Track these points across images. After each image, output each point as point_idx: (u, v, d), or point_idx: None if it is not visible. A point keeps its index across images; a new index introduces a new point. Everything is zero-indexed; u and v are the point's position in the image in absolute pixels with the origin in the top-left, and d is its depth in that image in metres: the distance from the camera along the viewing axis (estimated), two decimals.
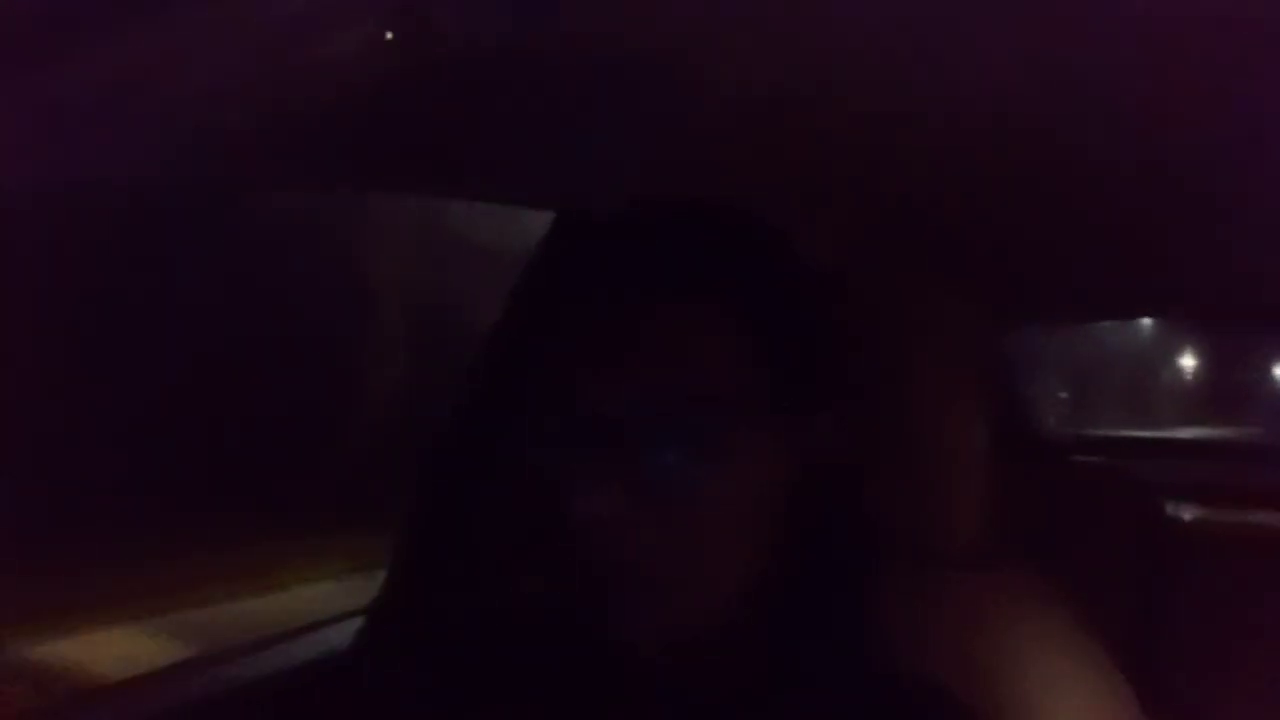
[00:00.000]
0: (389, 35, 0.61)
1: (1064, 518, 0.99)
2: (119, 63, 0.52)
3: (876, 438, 0.70)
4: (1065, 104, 0.68)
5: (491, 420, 1.08)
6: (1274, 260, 0.85)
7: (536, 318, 1.05)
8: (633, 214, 0.67)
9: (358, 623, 1.14)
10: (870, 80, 0.68)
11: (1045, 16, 0.58)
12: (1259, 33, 0.58)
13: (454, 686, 0.69)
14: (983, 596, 0.70)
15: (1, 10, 0.48)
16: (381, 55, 0.63)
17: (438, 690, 0.69)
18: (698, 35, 0.66)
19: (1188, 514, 1.03)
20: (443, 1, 0.62)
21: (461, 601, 1.08)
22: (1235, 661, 0.88)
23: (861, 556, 0.67)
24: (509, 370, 1.07)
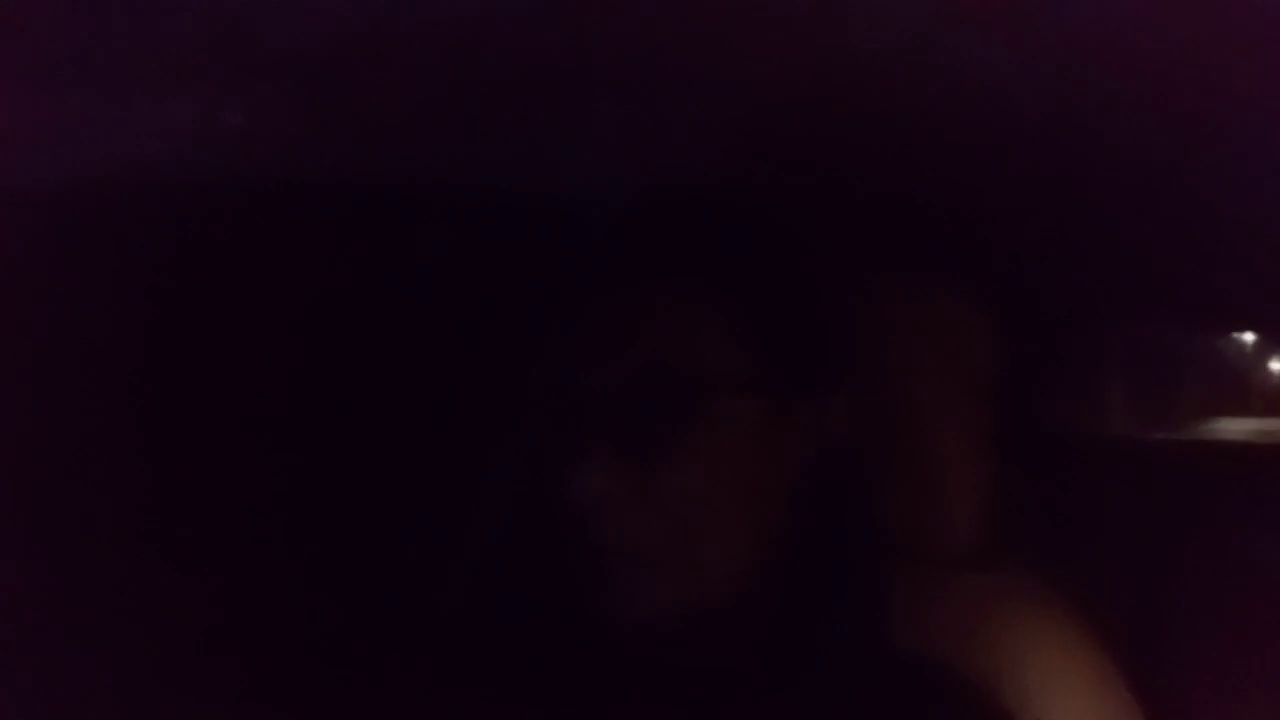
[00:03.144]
0: None
1: (1067, 517, 0.98)
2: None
3: (880, 434, 0.71)
4: (1075, 104, 0.67)
5: (484, 408, 1.08)
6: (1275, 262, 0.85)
7: (529, 303, 1.06)
8: (636, 201, 0.68)
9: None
10: (881, 76, 0.68)
11: (1059, 17, 0.58)
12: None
13: (450, 677, 0.70)
14: (983, 593, 0.71)
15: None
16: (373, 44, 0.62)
17: (434, 683, 0.70)
18: (702, 30, 0.66)
19: (1192, 513, 1.03)
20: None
21: (456, 590, 1.08)
22: (1236, 661, 0.88)
23: (866, 549, 0.67)
24: (500, 359, 1.08)
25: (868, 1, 0.58)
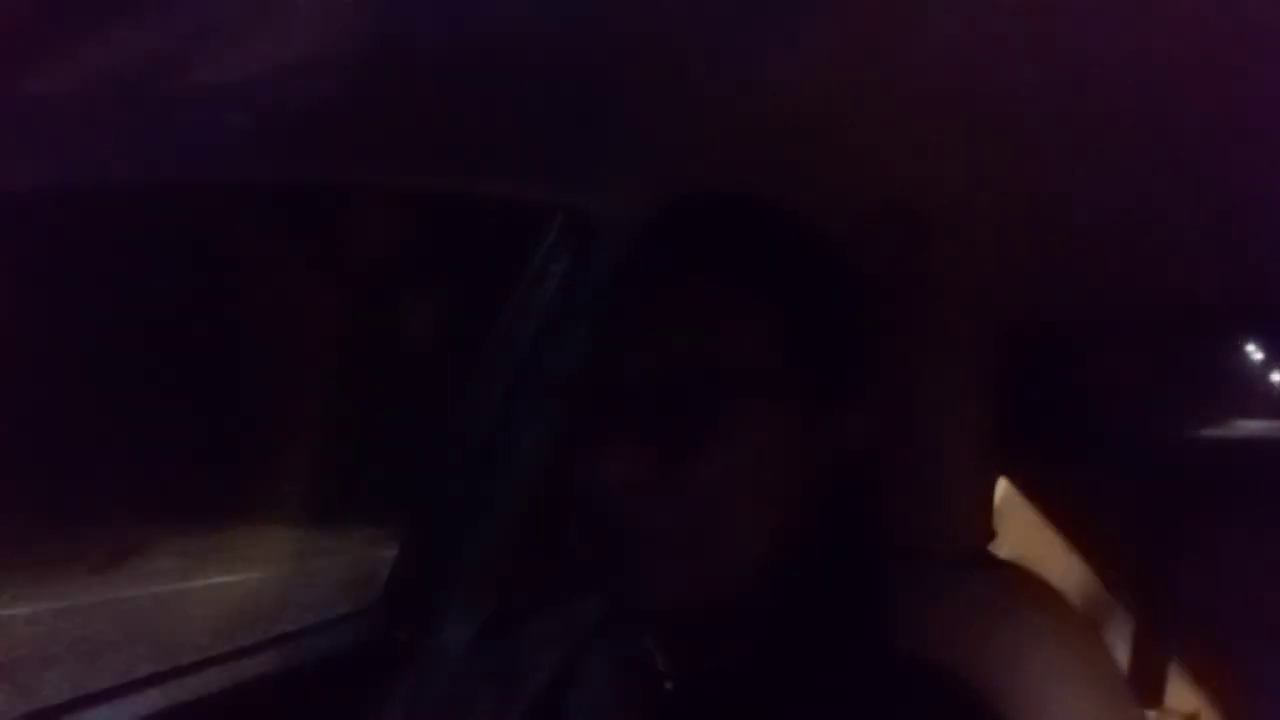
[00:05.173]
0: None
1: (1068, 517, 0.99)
2: (117, 62, 0.53)
3: (890, 439, 0.71)
4: (1078, 106, 0.68)
5: (512, 397, 1.10)
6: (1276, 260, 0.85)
7: (557, 302, 1.07)
8: (672, 201, 0.68)
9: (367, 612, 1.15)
10: (893, 84, 0.68)
11: (1064, 15, 0.58)
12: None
13: (467, 663, 0.70)
14: (984, 591, 0.71)
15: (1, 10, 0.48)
16: (387, 51, 0.63)
17: (450, 668, 0.71)
18: (722, 32, 0.66)
19: (1193, 513, 1.03)
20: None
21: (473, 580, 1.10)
22: (1235, 659, 0.88)
23: (872, 550, 0.67)
24: (530, 351, 1.09)
25: None
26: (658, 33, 0.67)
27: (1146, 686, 0.69)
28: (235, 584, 4.91)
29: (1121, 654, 0.70)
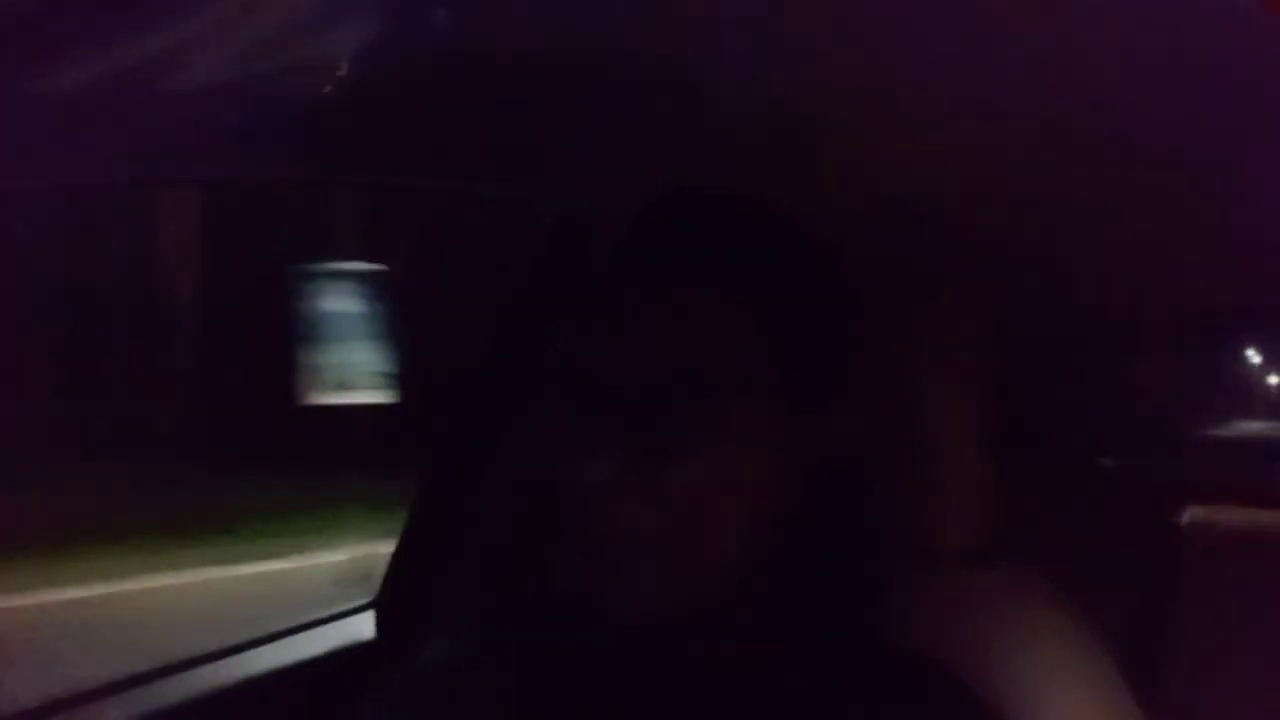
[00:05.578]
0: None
1: (1068, 517, 0.98)
2: (115, 62, 0.52)
3: (883, 434, 0.71)
4: (1075, 105, 0.68)
5: (498, 399, 1.10)
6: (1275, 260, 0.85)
7: (546, 300, 1.07)
8: (653, 199, 0.68)
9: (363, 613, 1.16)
10: (885, 80, 0.68)
11: (1057, 17, 0.58)
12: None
13: (459, 664, 0.70)
14: (983, 591, 0.71)
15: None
16: (384, 50, 0.63)
17: (442, 672, 0.71)
18: (709, 32, 0.66)
19: (1193, 514, 1.02)
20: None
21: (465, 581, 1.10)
22: (1235, 661, 0.88)
23: (866, 546, 0.67)
24: (516, 352, 1.09)
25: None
26: (656, 31, 0.67)
27: (1146, 687, 0.69)
28: (228, 580, 4.91)
29: (1121, 654, 0.70)
